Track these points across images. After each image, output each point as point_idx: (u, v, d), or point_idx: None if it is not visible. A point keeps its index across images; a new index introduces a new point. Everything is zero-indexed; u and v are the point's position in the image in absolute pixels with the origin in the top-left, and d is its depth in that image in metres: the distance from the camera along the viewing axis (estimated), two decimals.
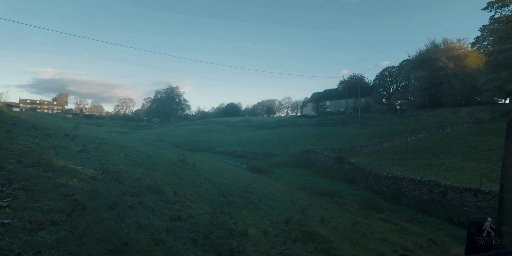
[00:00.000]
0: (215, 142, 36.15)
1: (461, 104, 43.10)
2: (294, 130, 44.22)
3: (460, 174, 16.49)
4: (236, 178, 9.90)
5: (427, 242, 8.86)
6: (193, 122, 68.27)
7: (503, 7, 36.70)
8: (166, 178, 5.72)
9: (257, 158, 25.49)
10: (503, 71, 34.22)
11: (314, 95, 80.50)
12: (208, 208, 4.76)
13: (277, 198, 8.39)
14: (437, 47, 49.77)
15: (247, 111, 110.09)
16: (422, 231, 10.18)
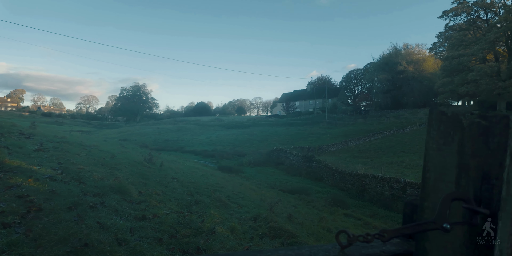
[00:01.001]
0: (185, 141, 35.49)
1: (420, 106, 45.84)
2: (265, 129, 44.59)
3: (418, 171, 17.54)
4: (205, 178, 9.81)
5: None
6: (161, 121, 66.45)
7: (456, 16, 39.53)
8: (131, 178, 5.55)
9: (228, 157, 25.40)
10: (456, 75, 36.89)
11: (284, 96, 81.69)
12: (175, 208, 4.69)
13: (246, 196, 8.43)
14: (399, 52, 52.57)
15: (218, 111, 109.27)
16: (383, 225, 10.72)
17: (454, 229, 0.56)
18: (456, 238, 0.56)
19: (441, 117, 0.60)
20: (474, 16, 38.69)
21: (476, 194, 0.54)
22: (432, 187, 0.61)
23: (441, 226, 0.54)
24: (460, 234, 0.56)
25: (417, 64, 49.53)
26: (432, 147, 0.61)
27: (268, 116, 72.58)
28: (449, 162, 0.58)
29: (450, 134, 0.58)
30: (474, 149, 0.55)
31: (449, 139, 0.59)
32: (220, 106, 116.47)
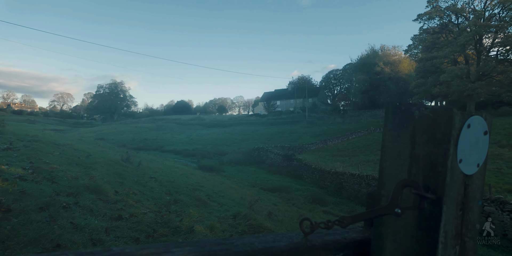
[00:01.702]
0: (164, 140, 34.90)
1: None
2: (246, 128, 44.61)
3: None
4: (185, 177, 9.71)
5: None
6: (140, 119, 64.93)
7: (430, 19, 41.09)
8: (107, 177, 5.41)
9: (209, 156, 25.23)
10: (430, 76, 38.39)
11: (265, 95, 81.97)
12: (153, 207, 4.62)
13: (226, 195, 8.43)
14: (376, 53, 54.04)
15: (199, 109, 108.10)
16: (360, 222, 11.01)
17: (406, 214, 0.60)
18: (407, 222, 0.61)
19: (396, 110, 0.65)
20: (446, 20, 40.34)
21: (425, 181, 0.59)
22: (387, 176, 0.65)
23: (393, 211, 0.58)
24: (411, 218, 0.60)
25: (393, 65, 51.14)
26: (388, 138, 0.66)
27: (249, 115, 72.64)
28: (403, 152, 0.63)
29: (404, 126, 0.63)
30: (423, 140, 0.59)
31: (402, 131, 0.63)
32: (201, 105, 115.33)
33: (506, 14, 36.32)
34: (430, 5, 40.79)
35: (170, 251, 0.49)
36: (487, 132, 0.61)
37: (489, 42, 37.67)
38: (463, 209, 0.59)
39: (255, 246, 0.57)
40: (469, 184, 0.60)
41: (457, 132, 0.56)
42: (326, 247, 0.66)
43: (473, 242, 0.62)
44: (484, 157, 0.61)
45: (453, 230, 0.58)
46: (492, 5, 37.30)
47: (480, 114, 0.59)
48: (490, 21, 36.79)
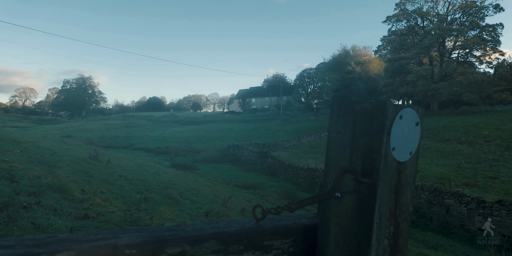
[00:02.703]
0: (136, 138, 33.91)
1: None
2: (221, 126, 44.36)
3: None
4: (157, 175, 9.52)
5: None
6: (110, 116, 62.59)
7: (398, 21, 42.90)
8: (73, 176, 5.21)
9: (182, 154, 24.85)
10: (397, 76, 40.15)
11: (240, 92, 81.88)
12: (121, 206, 4.51)
13: (200, 192, 8.37)
14: (348, 53, 55.64)
15: (172, 106, 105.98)
16: None
17: (347, 198, 0.66)
18: (348, 206, 0.66)
19: (340, 103, 0.70)
20: (413, 22, 42.27)
21: (363, 167, 0.64)
22: (332, 164, 0.70)
23: (334, 195, 0.63)
24: (351, 202, 0.66)
25: (364, 65, 52.93)
26: (333, 130, 0.71)
27: (224, 112, 72.27)
28: (345, 142, 0.68)
29: (346, 118, 0.68)
30: (362, 130, 0.65)
31: (345, 122, 0.68)
32: (175, 102, 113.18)
33: (466, 19, 38.66)
34: (398, 7, 42.55)
35: (118, 237, 0.51)
36: (419, 123, 0.67)
37: (451, 45, 39.98)
38: (397, 193, 0.66)
39: (206, 231, 0.60)
40: (402, 170, 0.66)
41: (390, 122, 0.62)
42: (276, 232, 0.70)
43: (407, 223, 0.68)
44: (417, 146, 0.68)
45: (387, 211, 0.64)
46: (453, 10, 39.53)
47: (412, 107, 0.66)
48: (452, 25, 39.01)
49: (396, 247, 0.66)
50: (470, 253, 9.17)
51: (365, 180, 0.61)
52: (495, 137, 21.92)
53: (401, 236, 0.67)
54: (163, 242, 0.53)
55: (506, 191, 12.56)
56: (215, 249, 0.59)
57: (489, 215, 10.70)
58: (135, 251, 0.50)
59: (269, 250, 0.68)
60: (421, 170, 16.55)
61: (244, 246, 0.63)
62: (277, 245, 0.70)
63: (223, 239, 0.60)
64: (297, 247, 0.73)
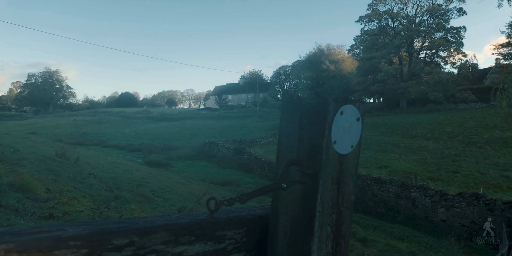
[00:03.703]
0: (107, 135, 32.78)
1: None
2: (197, 122, 43.85)
3: None
4: (129, 173, 9.30)
5: None
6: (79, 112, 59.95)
7: (370, 21, 44.21)
8: (37, 174, 4.98)
9: (156, 151, 24.35)
10: (369, 75, 41.47)
11: (216, 88, 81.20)
12: (90, 204, 4.38)
13: (173, 190, 8.28)
14: (322, 51, 56.69)
15: (146, 102, 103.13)
16: None
17: (294, 189, 0.70)
18: (295, 196, 0.71)
19: (290, 99, 0.74)
20: (384, 23, 43.72)
21: (308, 159, 0.69)
22: (282, 157, 0.74)
23: (280, 185, 0.67)
24: (298, 192, 0.70)
25: (338, 63, 54.18)
26: (283, 124, 0.75)
27: (200, 108, 71.43)
28: (293, 136, 0.72)
29: (295, 113, 0.72)
30: (307, 125, 0.69)
31: (294, 117, 0.72)
32: (149, 97, 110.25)
33: (433, 21, 40.54)
34: (371, 8, 43.81)
35: (62, 229, 0.52)
36: (360, 118, 0.73)
37: (419, 45, 41.79)
38: (339, 183, 0.71)
39: (156, 223, 0.62)
40: (344, 162, 0.72)
41: (332, 118, 0.66)
42: (230, 223, 0.73)
43: (349, 211, 0.74)
44: (358, 140, 0.73)
45: (330, 200, 0.69)
46: (421, 12, 41.29)
47: (353, 104, 0.71)
48: (420, 27, 40.77)
49: (339, 234, 0.71)
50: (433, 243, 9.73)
51: (309, 171, 0.66)
52: (458, 133, 23.25)
53: (343, 223, 0.72)
54: (110, 234, 0.54)
55: (466, 184, 13.39)
56: (165, 240, 0.61)
57: (450, 207, 11.38)
58: (80, 242, 0.51)
59: (221, 240, 0.71)
60: (390, 165, 17.28)
61: (196, 236, 0.66)
62: (230, 235, 0.73)
63: (174, 230, 0.62)
64: (250, 237, 0.77)
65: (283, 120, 0.74)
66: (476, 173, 14.74)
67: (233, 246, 0.73)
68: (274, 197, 0.75)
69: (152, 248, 0.59)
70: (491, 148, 18.64)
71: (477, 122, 25.33)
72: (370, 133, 27.31)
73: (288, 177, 0.68)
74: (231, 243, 0.73)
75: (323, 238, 0.68)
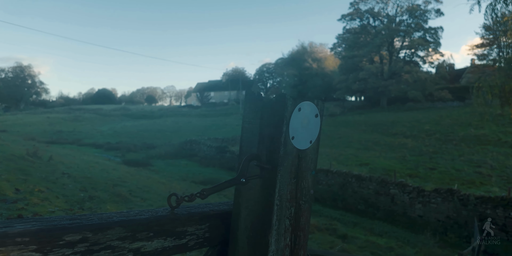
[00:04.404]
0: (83, 133, 31.83)
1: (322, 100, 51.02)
2: (178, 120, 43.28)
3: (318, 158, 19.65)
4: (105, 172, 9.08)
5: None
6: (53, 109, 57.82)
7: (352, 20, 45.00)
8: (6, 174, 4.78)
9: (135, 150, 23.86)
10: (351, 73, 42.22)
11: (198, 85, 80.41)
12: (63, 205, 4.26)
13: (152, 190, 8.15)
14: (305, 49, 57.18)
15: (124, 99, 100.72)
16: None
17: (254, 184, 0.71)
18: (256, 190, 0.72)
19: (251, 97, 0.75)
20: (365, 22, 44.59)
21: (267, 154, 0.70)
22: (244, 153, 0.75)
23: (240, 180, 0.68)
24: (258, 187, 0.71)
25: (320, 61, 54.82)
26: (246, 121, 0.76)
27: (182, 106, 70.54)
28: (255, 132, 0.73)
29: (256, 110, 0.73)
30: (267, 121, 0.71)
31: (255, 114, 0.73)
32: (127, 94, 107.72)
33: (412, 21, 41.72)
34: (353, 6, 44.56)
35: (11, 226, 0.50)
36: (318, 115, 0.75)
37: (399, 45, 42.91)
38: (297, 177, 0.73)
39: (112, 219, 0.62)
40: (302, 157, 0.73)
41: (289, 114, 0.68)
42: (191, 218, 0.73)
43: (308, 204, 0.76)
44: (317, 135, 0.75)
45: (288, 194, 0.71)
46: (401, 11, 42.39)
47: (312, 101, 0.73)
48: (400, 26, 41.87)
49: (298, 227, 0.73)
50: (411, 238, 10.06)
51: (267, 166, 0.67)
52: (435, 131, 24.08)
53: (302, 216, 0.74)
54: (61, 230, 0.54)
55: (442, 180, 13.91)
56: (122, 236, 0.61)
57: (427, 202, 11.80)
58: (28, 239, 0.50)
59: (182, 236, 0.71)
60: (371, 162, 17.69)
61: (154, 232, 0.66)
62: (192, 231, 0.73)
63: (130, 227, 0.62)
64: (213, 232, 0.78)
65: (245, 116, 0.75)
66: (451, 170, 15.32)
67: (195, 241, 0.73)
68: (236, 192, 0.76)
69: (107, 244, 0.59)
70: (466, 145, 19.41)
71: (453, 120, 26.31)
72: (352, 131, 27.88)
73: (247, 172, 0.69)
74: (193, 239, 0.73)
75: (281, 231, 0.69)
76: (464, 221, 10.79)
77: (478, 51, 38.59)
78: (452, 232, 10.62)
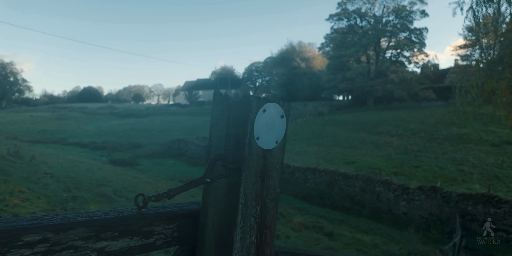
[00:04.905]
0: (68, 132, 31.15)
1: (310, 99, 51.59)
2: (166, 119, 42.85)
3: (305, 157, 19.83)
4: (90, 172, 8.93)
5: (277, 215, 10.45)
6: (37, 107, 56.35)
7: (339, 20, 45.46)
8: None
9: (122, 149, 23.51)
10: (338, 73, 42.67)
11: (187, 84, 79.75)
12: (44, 206, 4.17)
13: (138, 189, 8.06)
14: (294, 49, 57.47)
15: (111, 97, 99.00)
16: None
17: (221, 183, 0.73)
18: (222, 190, 0.73)
19: (219, 97, 0.76)
20: (353, 22, 45.10)
21: (233, 154, 0.72)
22: (213, 153, 0.76)
23: (205, 180, 0.70)
24: (224, 187, 0.73)
25: (308, 61, 55.22)
26: (214, 122, 0.77)
27: (170, 104, 69.79)
28: (222, 133, 0.74)
29: (223, 111, 0.74)
30: (233, 121, 0.72)
31: (223, 115, 0.75)
32: (114, 92, 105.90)
33: (398, 22, 42.43)
34: (340, 7, 44.98)
35: None
36: (284, 116, 0.76)
37: (385, 45, 43.60)
38: (263, 176, 0.74)
39: (76, 219, 0.62)
40: (268, 156, 0.75)
41: (254, 115, 0.69)
42: (158, 218, 0.74)
43: (274, 203, 0.78)
44: (283, 136, 0.77)
45: (254, 193, 0.72)
46: (388, 12, 43.04)
47: (277, 102, 0.74)
48: (387, 27, 42.52)
49: (264, 225, 0.75)
50: (395, 235, 10.27)
51: (231, 166, 0.69)
52: (420, 130, 24.60)
53: (268, 215, 0.76)
54: (20, 231, 0.54)
55: (426, 178, 14.23)
56: (85, 236, 0.61)
57: (411, 200, 12.07)
58: None
59: (149, 235, 0.72)
60: (357, 161, 17.95)
61: (120, 232, 0.66)
62: (159, 230, 0.74)
63: (94, 227, 0.63)
64: (182, 232, 0.79)
65: (214, 117, 0.76)
66: (435, 168, 15.68)
67: (163, 241, 0.74)
68: (204, 192, 0.77)
69: (70, 244, 0.59)
70: (449, 144, 19.91)
71: (437, 119, 26.92)
72: (339, 130, 28.19)
73: (213, 172, 0.71)
74: (160, 238, 0.74)
75: (246, 229, 0.71)
76: (446, 217, 11.09)
77: (462, 52, 39.59)
78: (435, 228, 10.89)
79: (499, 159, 15.54)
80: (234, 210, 0.69)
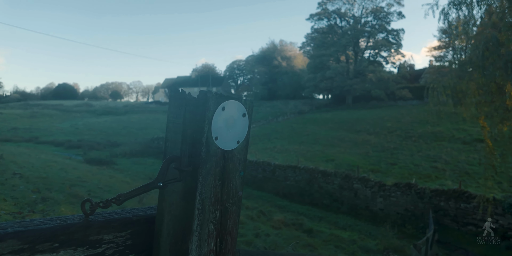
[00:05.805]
0: (41, 130, 29.85)
1: (291, 98, 51.99)
2: (145, 117, 41.90)
3: (286, 155, 19.95)
4: (64, 172, 8.57)
5: (257, 213, 10.44)
6: (8, 105, 53.63)
7: (320, 20, 45.98)
8: None
9: (98, 148, 22.78)
10: (318, 72, 43.19)
11: (167, 81, 78.38)
12: (11, 208, 3.94)
13: (114, 189, 7.82)
14: (275, 47, 57.60)
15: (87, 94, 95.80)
16: (255, 205, 11.84)
17: (176, 188, 0.67)
18: (178, 195, 0.68)
19: (176, 95, 0.70)
20: (333, 22, 45.74)
21: (190, 156, 0.66)
22: (169, 154, 0.71)
23: (157, 184, 0.64)
24: (181, 191, 0.67)
25: (289, 60, 55.54)
26: (170, 120, 0.71)
27: (149, 102, 68.39)
28: (178, 132, 0.69)
29: (180, 109, 0.69)
30: (190, 120, 0.67)
31: (179, 113, 0.69)
32: (90, 89, 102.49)
33: (376, 23, 43.43)
34: (321, 6, 45.48)
35: None
36: (246, 114, 0.72)
37: (364, 45, 44.51)
38: (223, 179, 0.69)
39: (6, 231, 0.55)
40: (229, 157, 0.70)
41: (212, 113, 0.64)
42: (108, 226, 0.68)
43: (236, 206, 0.73)
44: (245, 135, 0.73)
45: (212, 197, 0.67)
46: (366, 13, 43.96)
47: (239, 100, 0.69)
48: (365, 27, 43.42)
49: (224, 231, 0.70)
50: (372, 230, 10.52)
51: (187, 168, 0.63)
52: (396, 128, 25.31)
53: (230, 219, 0.71)
54: None
55: (402, 175, 14.65)
56: (16, 249, 0.54)
57: (387, 196, 12.40)
58: None
59: (97, 244, 0.65)
60: (336, 158, 18.24)
61: (61, 243, 0.60)
62: (110, 238, 0.68)
63: (28, 238, 0.56)
64: (137, 239, 0.73)
65: (170, 115, 0.71)
66: (410, 165, 16.18)
67: (114, 250, 0.68)
68: (160, 196, 0.72)
69: None
70: (424, 142, 20.60)
71: (412, 118, 27.78)
72: (319, 128, 28.56)
73: (167, 176, 0.65)
74: (111, 247, 0.67)
75: (204, 236, 0.66)
76: (420, 213, 11.48)
77: (436, 53, 41.07)
78: (410, 223, 11.26)
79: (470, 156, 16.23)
80: (190, 216, 0.64)
